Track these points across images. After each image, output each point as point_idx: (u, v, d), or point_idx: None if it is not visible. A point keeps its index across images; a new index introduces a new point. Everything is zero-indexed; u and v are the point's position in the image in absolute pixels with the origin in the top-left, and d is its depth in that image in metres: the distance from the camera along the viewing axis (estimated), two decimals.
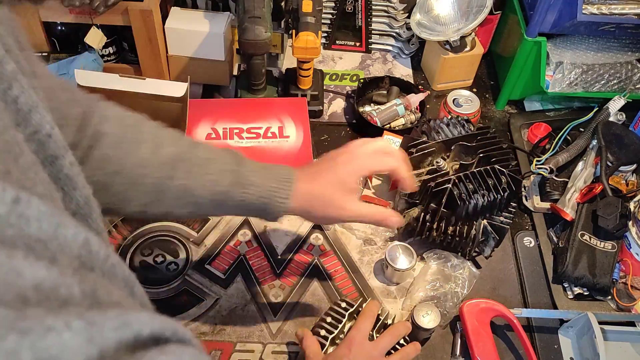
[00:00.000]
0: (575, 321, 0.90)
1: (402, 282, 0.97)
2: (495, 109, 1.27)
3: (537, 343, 0.91)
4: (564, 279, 0.97)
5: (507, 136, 1.20)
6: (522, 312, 0.91)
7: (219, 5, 1.25)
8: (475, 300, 0.91)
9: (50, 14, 1.12)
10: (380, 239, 1.02)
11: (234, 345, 0.89)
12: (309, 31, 1.07)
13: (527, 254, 1.02)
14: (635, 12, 1.08)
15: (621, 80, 1.18)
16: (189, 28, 1.15)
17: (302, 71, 1.16)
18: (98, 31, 1.13)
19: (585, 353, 0.89)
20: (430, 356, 0.89)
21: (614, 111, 1.13)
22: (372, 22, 1.32)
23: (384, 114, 1.17)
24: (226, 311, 0.92)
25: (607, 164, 1.03)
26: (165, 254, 0.98)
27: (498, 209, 0.96)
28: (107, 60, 1.21)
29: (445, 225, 0.94)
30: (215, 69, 1.20)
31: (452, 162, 0.99)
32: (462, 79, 1.30)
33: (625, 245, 0.97)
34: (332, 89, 1.28)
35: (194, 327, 0.90)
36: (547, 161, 1.06)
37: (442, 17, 1.20)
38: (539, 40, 1.13)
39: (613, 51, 1.18)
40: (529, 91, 1.22)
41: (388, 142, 1.04)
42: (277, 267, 0.98)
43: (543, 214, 1.06)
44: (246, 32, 1.01)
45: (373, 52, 1.36)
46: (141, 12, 1.09)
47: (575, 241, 0.97)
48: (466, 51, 1.24)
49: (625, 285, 0.95)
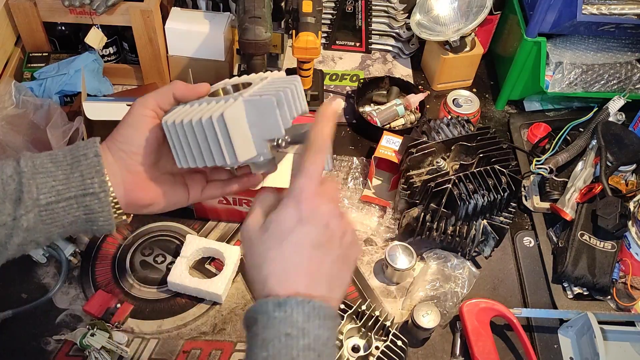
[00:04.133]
0: (575, 321, 0.91)
1: (402, 282, 0.97)
2: (495, 109, 1.27)
3: (536, 343, 0.91)
4: (563, 278, 0.97)
5: (507, 136, 1.20)
6: (522, 312, 0.91)
7: (219, 6, 1.25)
8: (475, 300, 0.92)
9: (51, 14, 1.12)
10: (381, 239, 1.02)
11: (234, 345, 0.89)
12: (309, 31, 1.07)
13: (527, 254, 1.02)
14: (634, 12, 1.08)
15: (621, 80, 1.18)
16: (189, 28, 1.15)
17: (302, 71, 1.16)
18: (98, 31, 1.13)
19: (585, 353, 0.89)
20: (430, 356, 0.89)
21: (613, 111, 1.13)
22: (372, 22, 1.32)
23: (384, 114, 1.17)
24: (226, 311, 0.92)
25: (607, 164, 1.03)
26: (166, 254, 0.98)
27: (498, 209, 0.96)
28: (107, 60, 1.21)
29: (445, 225, 0.94)
30: (215, 69, 1.20)
31: (452, 162, 1.00)
32: (462, 79, 1.30)
33: (625, 245, 0.98)
34: (332, 89, 1.28)
35: (194, 327, 0.90)
36: (546, 161, 1.06)
37: (442, 17, 1.20)
38: (539, 40, 1.13)
39: (613, 51, 1.18)
40: (528, 91, 1.22)
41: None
42: None
43: (543, 214, 1.06)
44: (246, 32, 1.01)
45: (373, 52, 1.36)
46: (141, 12, 1.09)
47: (575, 241, 0.97)
48: (466, 51, 1.24)
49: (624, 285, 0.95)
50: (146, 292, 0.94)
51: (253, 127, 0.54)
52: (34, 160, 0.56)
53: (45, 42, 1.18)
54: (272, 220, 0.51)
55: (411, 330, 0.90)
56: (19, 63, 1.17)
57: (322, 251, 0.50)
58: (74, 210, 0.56)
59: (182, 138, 0.56)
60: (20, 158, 0.56)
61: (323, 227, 0.50)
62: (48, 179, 0.56)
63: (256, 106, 0.53)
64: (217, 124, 0.53)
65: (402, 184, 0.99)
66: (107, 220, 0.58)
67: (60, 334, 0.88)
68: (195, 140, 0.55)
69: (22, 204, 0.54)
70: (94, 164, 0.57)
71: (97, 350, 0.84)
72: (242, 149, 0.54)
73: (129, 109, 0.61)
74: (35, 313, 0.90)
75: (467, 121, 1.05)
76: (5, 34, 1.14)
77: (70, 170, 0.56)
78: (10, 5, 1.11)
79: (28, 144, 1.01)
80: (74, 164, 0.57)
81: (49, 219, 0.56)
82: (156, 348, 0.88)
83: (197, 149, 0.56)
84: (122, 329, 0.89)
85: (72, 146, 0.58)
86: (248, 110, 0.53)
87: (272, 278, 0.49)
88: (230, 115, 0.53)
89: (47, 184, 0.55)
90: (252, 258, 0.51)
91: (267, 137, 0.54)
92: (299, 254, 0.49)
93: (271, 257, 0.50)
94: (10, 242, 0.55)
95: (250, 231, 0.52)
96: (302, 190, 0.50)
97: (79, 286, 0.93)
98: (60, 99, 1.13)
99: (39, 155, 0.57)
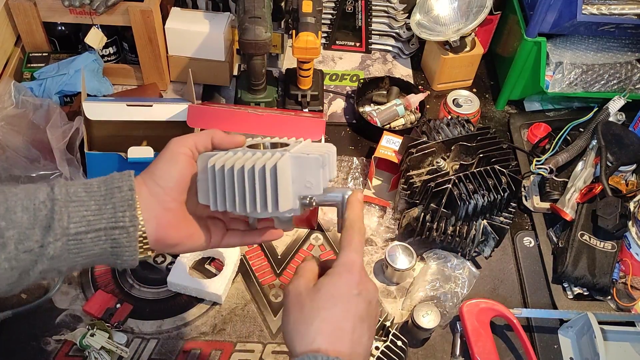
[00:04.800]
0: (575, 321, 0.91)
1: (402, 282, 0.97)
2: (495, 109, 1.27)
3: (536, 343, 0.91)
4: (563, 279, 0.97)
5: (507, 136, 1.20)
6: (522, 312, 0.91)
7: (219, 6, 1.25)
8: (475, 300, 0.92)
9: (51, 14, 1.12)
10: (381, 239, 1.02)
11: (234, 345, 0.89)
12: (309, 31, 1.07)
13: (527, 254, 1.02)
14: (634, 12, 1.08)
15: (621, 81, 1.18)
16: (189, 28, 1.15)
17: (302, 71, 1.16)
18: (98, 31, 1.13)
19: (585, 353, 0.89)
20: (430, 356, 0.89)
21: (613, 111, 1.13)
22: (372, 22, 1.32)
23: (384, 114, 1.17)
24: (226, 311, 0.92)
25: (607, 164, 1.03)
26: (166, 254, 0.98)
27: (498, 209, 0.96)
28: (107, 60, 1.21)
29: (445, 225, 0.94)
30: (215, 69, 1.20)
31: (452, 162, 1.00)
32: (462, 79, 1.30)
33: (625, 245, 0.98)
34: (332, 89, 1.28)
35: (194, 327, 0.90)
36: (547, 161, 1.06)
37: (442, 18, 1.20)
38: (539, 40, 1.13)
39: (613, 51, 1.18)
40: (528, 91, 1.22)
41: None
42: (277, 267, 0.98)
43: (543, 214, 1.06)
44: (246, 32, 1.01)
45: (373, 52, 1.36)
46: (141, 12, 1.09)
47: (575, 241, 0.97)
48: (466, 51, 1.24)
49: (625, 285, 0.95)
50: (146, 292, 0.94)
51: (294, 183, 0.58)
52: (67, 188, 0.56)
53: (45, 42, 1.18)
54: (325, 284, 0.55)
55: (411, 330, 0.90)
56: (18, 63, 1.17)
57: (365, 325, 0.55)
58: (102, 242, 0.56)
59: (227, 182, 0.58)
60: (55, 185, 0.56)
61: (368, 304, 0.56)
62: (80, 208, 0.55)
63: (302, 163, 0.57)
64: (270, 173, 0.56)
65: (402, 184, 0.99)
66: (132, 255, 0.58)
67: (60, 334, 0.87)
68: (241, 186, 0.57)
69: (51, 232, 0.54)
70: (127, 198, 0.57)
71: (97, 350, 0.84)
72: (284, 200, 0.57)
73: (167, 145, 0.61)
74: (35, 313, 0.89)
75: (467, 121, 1.05)
76: (5, 34, 1.14)
77: (103, 202, 0.56)
78: (10, 5, 1.11)
79: (28, 144, 1.01)
80: (107, 196, 0.56)
81: (75, 249, 0.56)
82: (156, 348, 0.88)
83: (241, 194, 0.58)
84: (122, 329, 0.89)
85: (107, 177, 0.58)
86: (294, 166, 0.57)
87: (322, 336, 0.53)
88: (282, 167, 0.56)
89: (78, 214, 0.55)
90: (301, 312, 0.54)
91: (304, 194, 0.58)
92: (348, 322, 0.54)
93: (322, 317, 0.53)
94: (34, 269, 0.54)
95: (301, 287, 0.56)
96: (354, 264, 0.56)
97: (79, 286, 0.93)
98: (60, 99, 1.13)
99: (73, 184, 0.57)
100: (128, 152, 0.97)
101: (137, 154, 0.98)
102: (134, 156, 0.97)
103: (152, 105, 1.01)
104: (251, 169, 0.56)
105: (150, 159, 0.98)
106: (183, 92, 1.21)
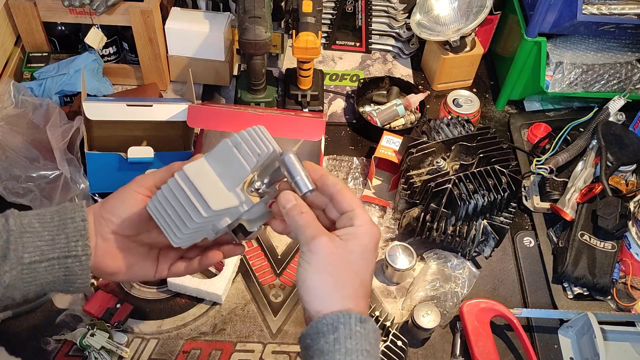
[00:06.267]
0: (575, 321, 0.91)
1: (402, 282, 0.97)
2: (495, 109, 1.27)
3: (537, 343, 0.91)
4: (563, 279, 0.97)
5: (507, 136, 1.20)
6: (522, 312, 0.91)
7: (219, 6, 1.25)
8: (475, 300, 0.92)
9: (50, 14, 1.12)
10: (381, 239, 1.02)
11: (234, 345, 0.89)
12: (309, 31, 1.07)
13: (527, 254, 1.02)
14: (635, 12, 1.08)
15: (621, 81, 1.18)
16: (189, 28, 1.15)
17: (302, 71, 1.16)
18: (98, 31, 1.13)
19: (585, 353, 0.89)
20: (430, 356, 0.89)
21: (613, 111, 1.13)
22: (372, 22, 1.32)
23: (384, 114, 1.17)
24: (226, 311, 0.92)
25: (607, 164, 1.03)
26: None
27: (498, 209, 0.96)
28: (107, 60, 1.21)
29: (445, 225, 0.94)
30: (215, 69, 1.20)
31: (452, 162, 1.00)
32: (462, 79, 1.30)
33: (625, 245, 0.98)
34: (332, 89, 1.28)
35: (194, 327, 0.90)
36: (547, 161, 1.06)
37: (442, 17, 1.20)
38: (539, 40, 1.13)
39: (613, 51, 1.18)
40: (528, 91, 1.22)
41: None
42: (277, 267, 0.98)
43: (543, 214, 1.06)
44: (246, 32, 1.01)
45: (373, 52, 1.36)
46: (141, 12, 1.09)
47: (575, 241, 0.97)
48: (466, 51, 1.24)
49: (625, 285, 0.95)
50: (146, 292, 0.94)
51: (224, 178, 0.57)
52: (22, 219, 0.58)
53: (45, 42, 1.18)
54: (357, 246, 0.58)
55: (411, 330, 0.90)
56: (18, 63, 1.17)
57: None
58: (55, 271, 0.59)
59: (162, 211, 0.58)
60: (9, 216, 0.58)
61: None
62: (34, 238, 0.58)
63: (217, 156, 0.57)
64: (180, 179, 0.56)
65: (402, 184, 0.99)
66: (84, 282, 0.60)
67: (60, 334, 0.87)
68: (170, 206, 0.57)
69: (7, 261, 0.56)
70: (80, 228, 0.59)
71: (97, 350, 0.84)
72: (215, 199, 0.56)
73: (128, 183, 0.63)
74: (35, 313, 0.89)
75: (467, 121, 1.05)
76: (5, 34, 1.14)
77: (56, 232, 0.59)
78: (10, 5, 1.11)
79: (27, 144, 1.01)
80: (60, 226, 0.59)
81: (29, 278, 0.58)
82: (156, 348, 0.88)
83: (176, 214, 0.58)
84: (122, 329, 0.89)
85: (60, 207, 0.61)
86: (212, 163, 0.57)
87: (352, 296, 0.56)
88: (191, 170, 0.56)
89: (32, 244, 0.57)
90: (338, 273, 0.56)
91: (238, 181, 0.57)
92: (370, 276, 0.59)
93: (360, 280, 0.57)
94: None
95: (332, 247, 0.56)
96: (368, 223, 0.59)
97: None
98: (60, 99, 1.13)
99: (27, 214, 0.59)
100: (128, 152, 0.97)
101: (137, 154, 0.98)
102: (134, 156, 0.97)
103: (152, 105, 1.01)
104: (166, 186, 0.57)
105: (150, 159, 0.98)
106: (183, 92, 1.21)
